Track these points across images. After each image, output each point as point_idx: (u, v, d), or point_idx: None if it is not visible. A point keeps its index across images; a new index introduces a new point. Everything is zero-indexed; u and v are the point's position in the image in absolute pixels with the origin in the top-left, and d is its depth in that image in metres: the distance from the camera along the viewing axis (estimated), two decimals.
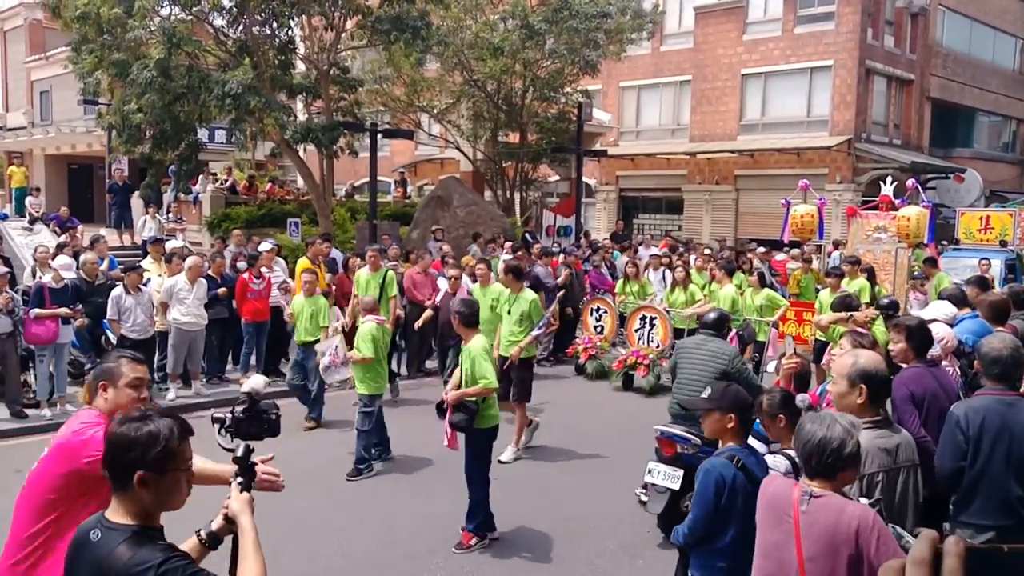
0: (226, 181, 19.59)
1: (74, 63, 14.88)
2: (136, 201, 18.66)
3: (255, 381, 2.84)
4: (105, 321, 9.62)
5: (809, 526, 2.76)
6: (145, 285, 9.78)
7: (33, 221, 17.77)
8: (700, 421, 3.89)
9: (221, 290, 10.47)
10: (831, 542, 2.72)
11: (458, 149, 21.21)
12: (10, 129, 31.31)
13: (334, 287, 11.05)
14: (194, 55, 14.09)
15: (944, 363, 5.17)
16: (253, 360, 10.64)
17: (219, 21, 14.79)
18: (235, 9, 14.19)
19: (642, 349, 11.23)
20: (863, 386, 3.42)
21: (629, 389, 11.09)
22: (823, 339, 9.55)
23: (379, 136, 15.96)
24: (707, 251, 15.85)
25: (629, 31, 19.62)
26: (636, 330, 11.55)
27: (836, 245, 16.31)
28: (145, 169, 18.29)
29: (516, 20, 17.80)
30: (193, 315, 9.76)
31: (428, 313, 10.74)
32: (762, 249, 16.38)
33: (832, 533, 2.71)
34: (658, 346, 11.27)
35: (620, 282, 12.85)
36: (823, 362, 8.09)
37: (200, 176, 18.74)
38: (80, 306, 9.39)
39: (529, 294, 8.44)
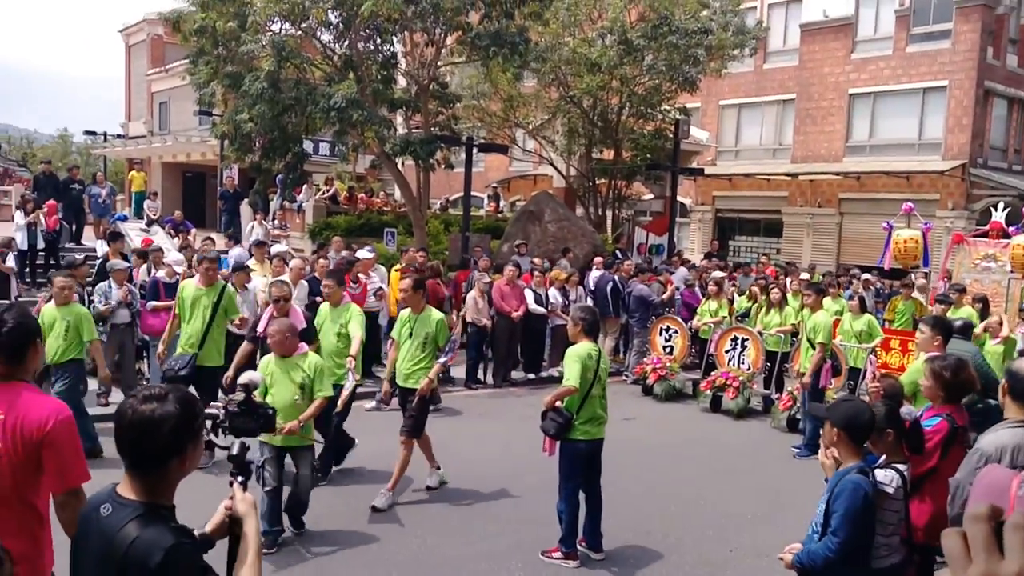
0: (328, 191, 20.30)
1: (191, 75, 15.81)
2: (244, 208, 19.55)
3: (251, 375, 2.81)
4: None
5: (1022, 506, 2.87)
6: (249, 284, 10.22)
7: (150, 223, 18.88)
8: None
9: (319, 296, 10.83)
10: None
11: (551, 165, 21.31)
12: (131, 137, 33.43)
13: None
14: (302, 69, 14.70)
15: None
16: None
17: (326, 36, 15.39)
18: (341, 25, 14.74)
19: (732, 371, 10.95)
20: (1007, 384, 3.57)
21: (717, 411, 10.83)
22: None
23: (474, 151, 16.22)
24: (804, 275, 15.33)
25: (731, 48, 19.28)
26: (727, 351, 11.27)
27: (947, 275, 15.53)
28: (254, 178, 19.17)
29: (615, 36, 17.77)
30: None
31: (248, 347, 7.72)
32: (867, 276, 15.80)
33: None
34: (748, 368, 10.97)
35: (704, 301, 12.60)
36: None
37: (304, 186, 19.49)
38: None
39: (435, 313, 7.00)
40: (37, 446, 2.91)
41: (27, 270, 13.66)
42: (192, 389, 4.13)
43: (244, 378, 2.75)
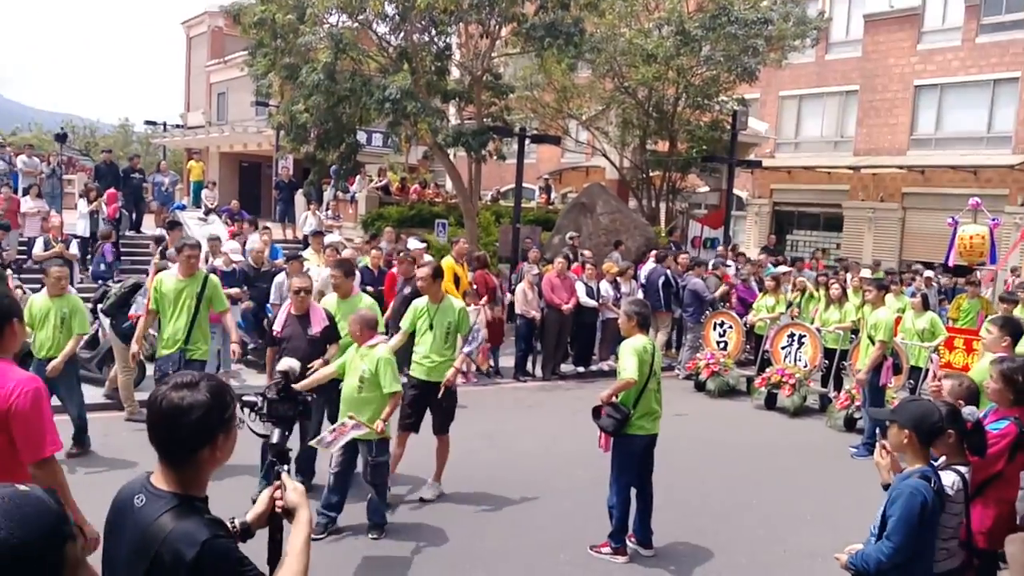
0: (380, 182, 20.46)
1: (249, 66, 16.08)
2: (299, 198, 19.83)
3: (290, 362, 2.79)
4: (268, 305, 10.27)
5: None
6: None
7: (208, 212, 19.28)
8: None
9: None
10: None
11: (604, 156, 21.10)
12: (190, 127, 34.22)
13: (475, 285, 11.24)
14: (358, 60, 14.79)
15: None
16: None
17: (382, 28, 15.45)
18: (397, 17, 14.78)
19: (788, 368, 10.71)
20: None
21: (772, 408, 10.61)
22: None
23: (527, 142, 16.14)
24: (865, 272, 14.91)
25: (791, 38, 18.81)
26: (783, 347, 11.03)
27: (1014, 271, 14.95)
28: (308, 169, 19.42)
29: (672, 27, 17.48)
30: None
31: (269, 352, 6.86)
32: (929, 273, 15.32)
33: None
34: (806, 366, 10.71)
35: (760, 296, 12.34)
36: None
37: (357, 176, 19.68)
38: (247, 288, 10.09)
39: (455, 302, 6.71)
40: (5, 419, 2.94)
41: (89, 257, 14.06)
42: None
43: (283, 365, 2.75)
